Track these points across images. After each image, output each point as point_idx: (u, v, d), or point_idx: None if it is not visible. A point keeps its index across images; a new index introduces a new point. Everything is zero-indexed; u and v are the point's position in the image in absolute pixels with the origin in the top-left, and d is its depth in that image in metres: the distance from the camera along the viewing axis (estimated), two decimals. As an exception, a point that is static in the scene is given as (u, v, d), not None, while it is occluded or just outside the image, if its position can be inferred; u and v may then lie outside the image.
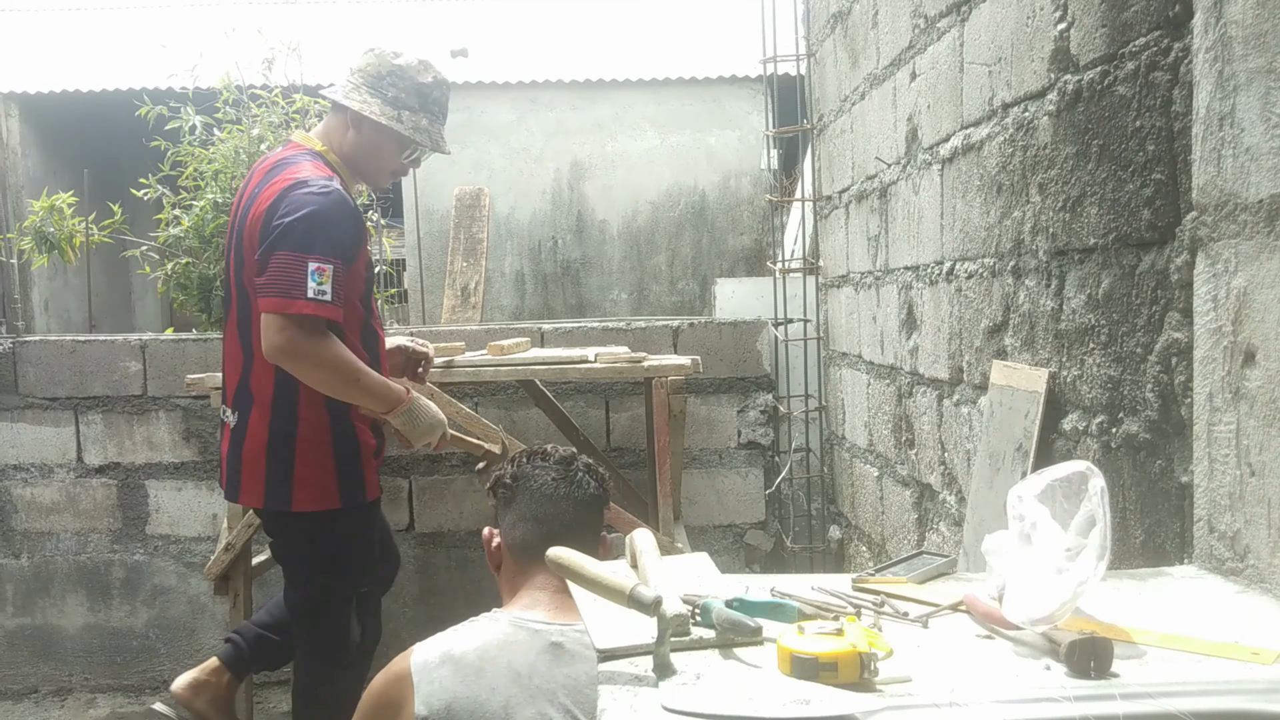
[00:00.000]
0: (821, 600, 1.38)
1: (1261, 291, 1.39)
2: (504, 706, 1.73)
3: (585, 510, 1.98)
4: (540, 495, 1.95)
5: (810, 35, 4.55)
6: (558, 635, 1.81)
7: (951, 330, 2.74)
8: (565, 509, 1.95)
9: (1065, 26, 2.00)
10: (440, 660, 1.77)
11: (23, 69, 8.83)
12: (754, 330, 4.51)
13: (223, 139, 5.15)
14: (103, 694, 4.50)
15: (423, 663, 1.77)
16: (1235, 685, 1.10)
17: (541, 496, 1.95)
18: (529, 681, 1.75)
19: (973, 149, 2.52)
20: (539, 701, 1.74)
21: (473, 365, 3.62)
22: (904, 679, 1.12)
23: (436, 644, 1.81)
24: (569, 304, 8.59)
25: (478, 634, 1.81)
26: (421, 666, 1.76)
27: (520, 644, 1.79)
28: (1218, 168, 1.49)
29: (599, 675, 1.19)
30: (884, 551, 3.58)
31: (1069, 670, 1.13)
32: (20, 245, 5.38)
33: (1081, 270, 1.97)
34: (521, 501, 1.95)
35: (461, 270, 5.48)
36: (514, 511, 1.96)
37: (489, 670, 1.75)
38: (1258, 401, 1.40)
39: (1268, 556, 1.38)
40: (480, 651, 1.77)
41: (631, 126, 8.56)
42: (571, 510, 1.95)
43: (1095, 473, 1.31)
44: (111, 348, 4.46)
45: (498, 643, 1.78)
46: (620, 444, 4.52)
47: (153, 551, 4.50)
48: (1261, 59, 1.38)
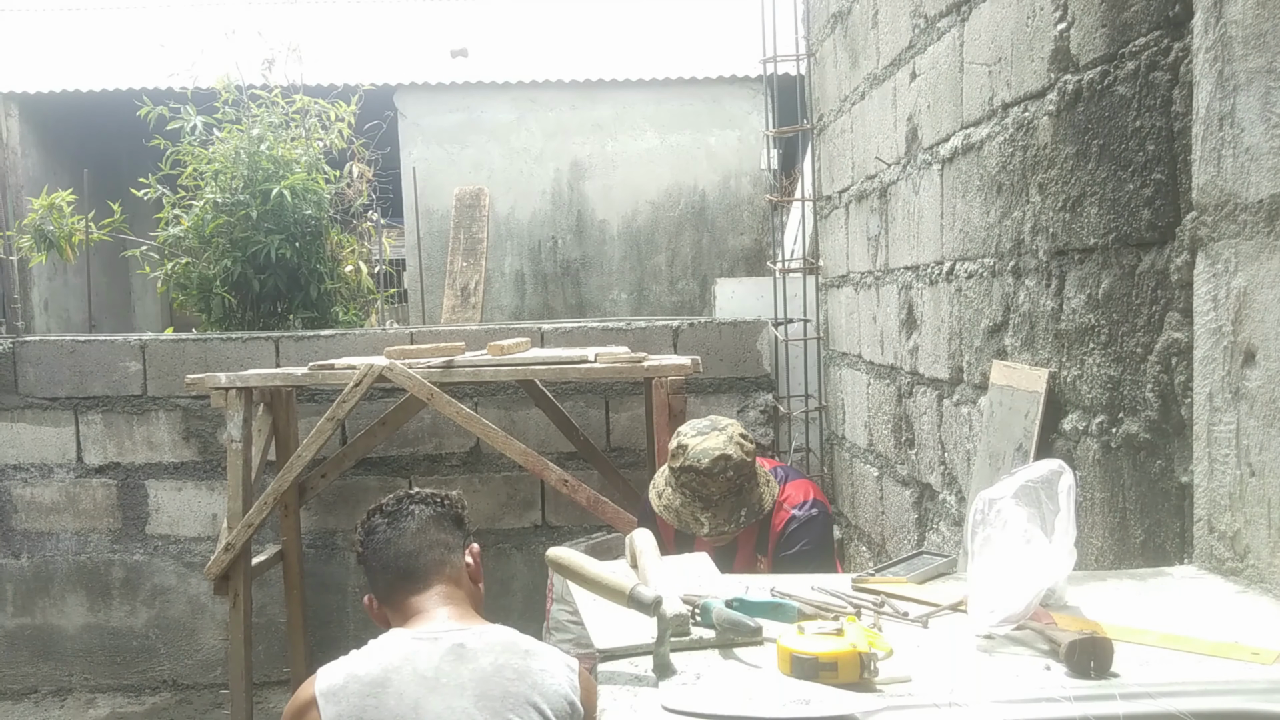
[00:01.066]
0: (821, 600, 1.38)
1: (1261, 291, 1.39)
2: (413, 708, 1.78)
3: (423, 535, 2.06)
4: (381, 545, 2.05)
5: (810, 35, 4.55)
6: (458, 636, 1.87)
7: (951, 330, 2.74)
8: (404, 543, 2.04)
9: (1065, 26, 2.00)
10: (345, 680, 1.82)
11: (23, 69, 8.82)
12: (754, 330, 4.51)
13: (223, 139, 5.15)
14: (102, 694, 4.50)
15: (327, 687, 1.81)
16: (1235, 685, 1.10)
17: (382, 544, 2.05)
18: (435, 681, 1.80)
19: (973, 149, 2.52)
20: (447, 697, 1.79)
21: (473, 365, 3.62)
22: (904, 679, 1.12)
23: (339, 668, 1.86)
24: (569, 304, 8.59)
25: (380, 651, 1.87)
26: (326, 691, 1.81)
27: (422, 652, 1.85)
28: (1218, 168, 1.49)
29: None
30: (884, 551, 3.57)
31: (1069, 670, 1.13)
32: (19, 244, 5.39)
33: (1081, 270, 1.97)
34: (371, 559, 2.06)
35: (461, 270, 5.48)
36: (374, 568, 2.06)
37: (394, 680, 1.81)
38: (1258, 401, 1.40)
39: (1268, 556, 1.38)
40: (383, 665, 1.83)
41: (631, 126, 8.55)
42: (410, 541, 2.05)
43: (1065, 470, 1.32)
44: (111, 348, 4.46)
45: (401, 655, 1.85)
46: (620, 444, 4.52)
47: (152, 551, 4.50)
48: (1261, 59, 1.38)
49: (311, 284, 5.15)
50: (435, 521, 2.09)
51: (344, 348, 4.37)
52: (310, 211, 5.09)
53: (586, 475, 4.21)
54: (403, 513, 2.09)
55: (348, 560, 4.47)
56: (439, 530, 2.08)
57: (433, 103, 8.47)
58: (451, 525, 2.11)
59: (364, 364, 3.58)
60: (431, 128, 8.46)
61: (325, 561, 4.48)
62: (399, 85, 8.35)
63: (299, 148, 5.25)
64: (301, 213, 5.04)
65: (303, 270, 5.09)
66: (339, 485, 4.42)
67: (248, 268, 4.95)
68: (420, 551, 2.03)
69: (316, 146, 5.37)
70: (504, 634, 1.92)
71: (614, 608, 1.34)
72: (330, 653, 4.44)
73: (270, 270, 4.99)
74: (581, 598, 1.45)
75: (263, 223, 4.95)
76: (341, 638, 4.34)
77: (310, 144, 5.33)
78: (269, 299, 5.14)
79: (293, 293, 5.14)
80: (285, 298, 5.16)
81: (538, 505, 4.55)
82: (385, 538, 2.06)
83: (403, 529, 2.06)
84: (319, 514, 4.50)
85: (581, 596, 1.45)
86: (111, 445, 4.45)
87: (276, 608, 4.45)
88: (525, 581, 4.48)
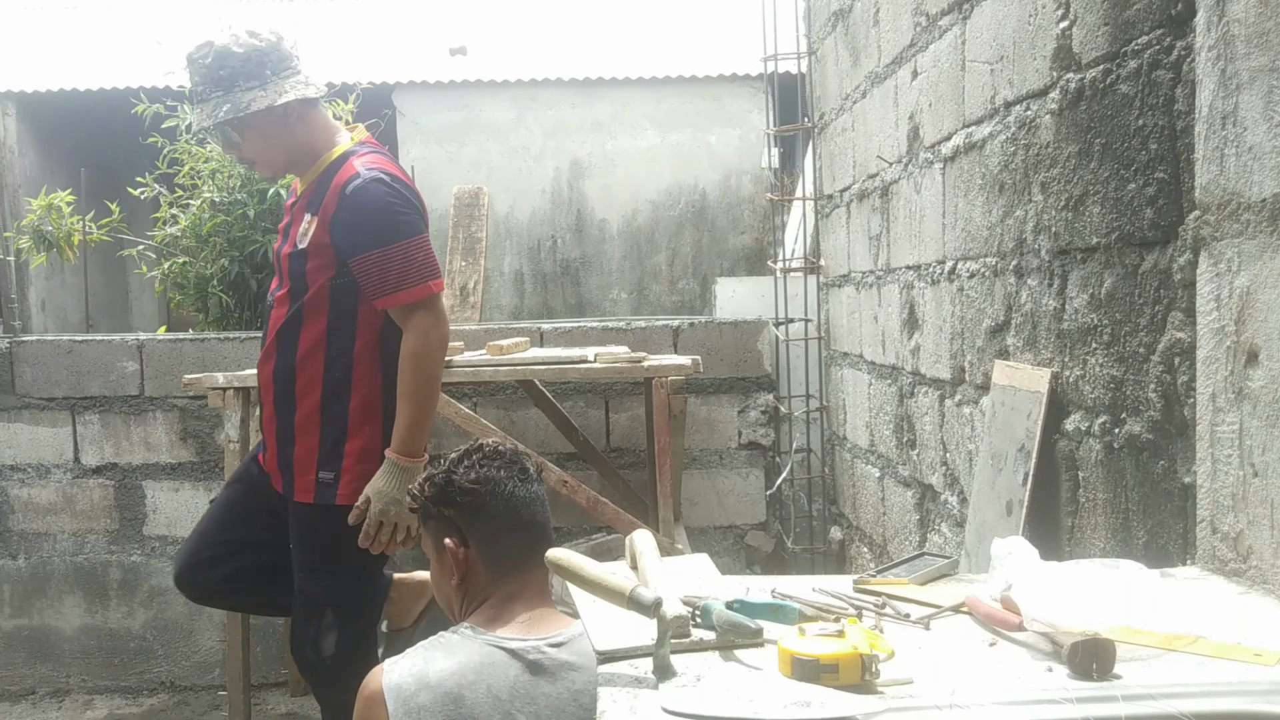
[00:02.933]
0: (822, 602, 1.37)
1: (1265, 291, 1.38)
2: None
3: (548, 513, 1.92)
4: (515, 500, 1.84)
5: (811, 33, 4.55)
6: (535, 654, 1.74)
7: (953, 330, 2.73)
8: (539, 512, 1.87)
9: (1067, 24, 2.00)
10: (417, 686, 1.68)
11: (19, 67, 8.81)
12: (754, 330, 4.50)
13: (221, 138, 5.14)
14: (100, 695, 4.49)
15: (397, 686, 1.68)
16: (1238, 687, 1.10)
17: (517, 501, 1.85)
18: (509, 705, 1.68)
19: (975, 148, 2.51)
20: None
21: (472, 365, 3.61)
22: (905, 681, 1.11)
23: (409, 666, 1.72)
24: (568, 304, 8.59)
25: (452, 654, 1.73)
26: (396, 691, 1.67)
27: (498, 665, 1.71)
28: (1220, 167, 1.48)
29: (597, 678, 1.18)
30: (885, 553, 3.57)
31: (1071, 672, 1.12)
32: (18, 244, 5.37)
33: (1084, 270, 1.96)
34: (495, 507, 1.83)
35: (460, 269, 5.47)
36: (487, 518, 1.83)
37: (468, 698, 1.67)
38: (1261, 402, 1.39)
39: (1271, 558, 1.38)
40: (457, 677, 1.69)
41: (631, 125, 8.55)
42: (544, 512, 1.89)
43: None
44: (108, 347, 4.45)
45: (475, 666, 1.71)
46: (620, 444, 4.51)
47: (150, 552, 4.49)
48: (1264, 57, 1.37)
49: (310, 284, 5.13)
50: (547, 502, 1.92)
51: (343, 347, 4.36)
52: (309, 211, 5.08)
53: (586, 476, 4.20)
54: (529, 474, 1.87)
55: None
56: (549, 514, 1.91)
57: (431, 101, 8.46)
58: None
59: (362, 363, 3.57)
60: (430, 126, 8.45)
61: (324, 561, 4.47)
62: (397, 83, 8.34)
63: (298, 147, 5.23)
64: (300, 212, 5.03)
65: (301, 270, 5.08)
66: (337, 485, 4.42)
67: (245, 267, 4.94)
68: (548, 529, 1.85)
69: (315, 145, 5.35)
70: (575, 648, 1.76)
71: (614, 609, 1.33)
72: (329, 653, 4.41)
73: (268, 270, 4.98)
74: (581, 599, 1.44)
75: (260, 222, 4.94)
76: (340, 638, 4.33)
77: (309, 143, 5.32)
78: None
79: (291, 292, 5.12)
80: (284, 297, 5.15)
81: (537, 505, 4.54)
82: (518, 492, 1.83)
83: (534, 493, 1.86)
84: (317, 514, 4.50)
85: (581, 598, 1.44)
86: (109, 445, 4.44)
87: (275, 608, 4.44)
88: (524, 581, 4.47)
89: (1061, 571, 1.28)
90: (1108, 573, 1.26)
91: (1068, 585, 1.23)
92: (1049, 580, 1.25)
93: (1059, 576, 1.26)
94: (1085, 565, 1.30)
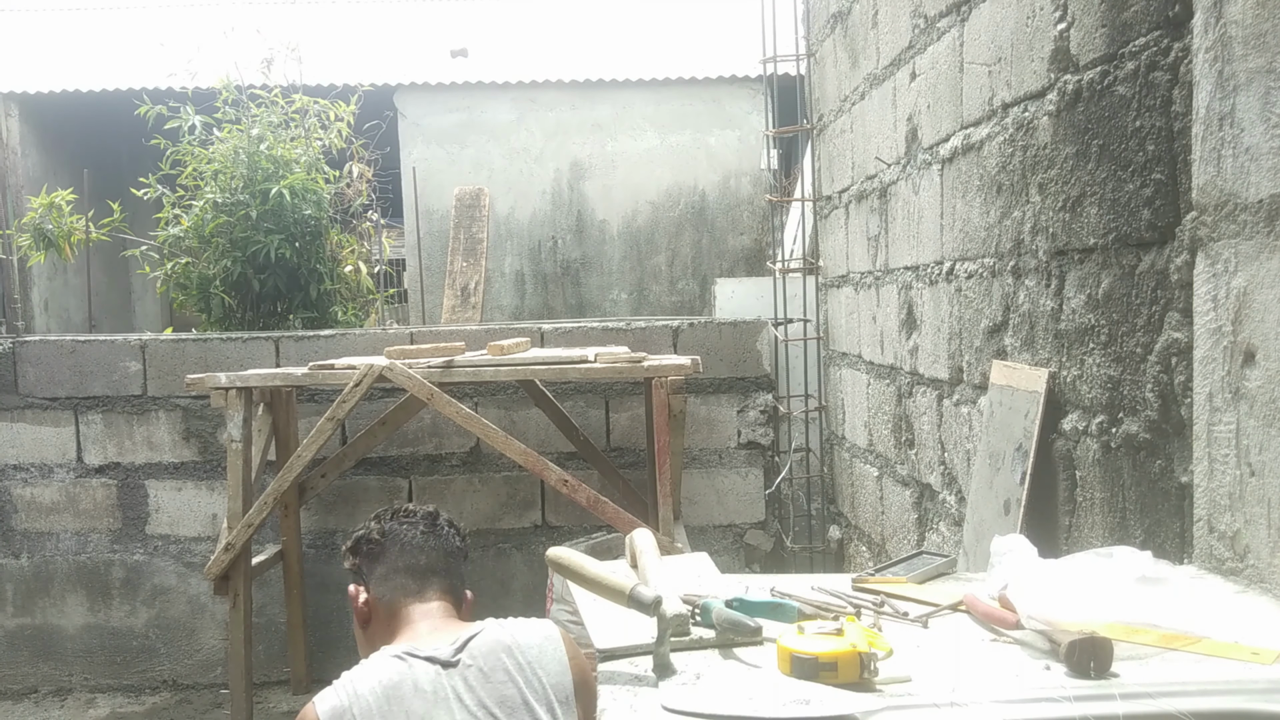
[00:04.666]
0: (821, 600, 1.38)
1: (1261, 291, 1.39)
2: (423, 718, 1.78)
3: (451, 560, 2.08)
4: (410, 547, 2.05)
5: (810, 35, 4.55)
6: (444, 655, 1.86)
7: (951, 330, 2.74)
8: (434, 558, 2.05)
9: (1065, 26, 2.00)
10: (349, 701, 1.80)
11: (23, 69, 8.83)
12: (754, 330, 4.51)
13: (222, 138, 5.15)
14: (102, 694, 4.50)
15: (332, 709, 1.78)
16: (1235, 685, 1.10)
17: (411, 548, 2.05)
18: (434, 695, 1.80)
19: (973, 149, 2.52)
20: (451, 708, 1.79)
21: (473, 365, 3.62)
22: (904, 679, 1.12)
23: (341, 690, 1.83)
24: (569, 304, 8.60)
25: (374, 671, 1.85)
26: (332, 714, 1.78)
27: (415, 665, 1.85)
28: (1217, 168, 1.49)
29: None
30: (884, 551, 3.57)
31: (1069, 670, 1.13)
32: (19, 243, 5.38)
33: (1081, 270, 1.97)
34: (391, 555, 2.04)
35: (461, 270, 5.48)
36: (384, 565, 2.04)
37: (395, 696, 1.80)
38: (1257, 401, 1.40)
39: (1267, 556, 1.38)
40: (384, 684, 1.81)
41: (631, 126, 8.56)
42: (440, 559, 2.06)
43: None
44: (111, 348, 4.45)
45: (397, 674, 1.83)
46: (620, 444, 4.52)
47: (152, 551, 4.49)
48: (1261, 59, 1.38)
49: (311, 284, 5.15)
50: (460, 555, 2.12)
51: (344, 348, 4.37)
52: (310, 211, 5.09)
53: (586, 475, 4.21)
54: (440, 530, 2.10)
55: (348, 560, 4.46)
56: (459, 563, 2.11)
57: (432, 103, 8.47)
58: (463, 566, 2.14)
59: (364, 364, 3.58)
60: (431, 128, 8.46)
61: (325, 561, 4.47)
62: (399, 85, 8.36)
63: (298, 147, 5.25)
64: (301, 213, 5.04)
65: (302, 270, 5.09)
66: (339, 485, 4.43)
67: (247, 268, 4.95)
68: (444, 570, 2.05)
69: (316, 146, 5.37)
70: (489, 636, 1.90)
71: (614, 608, 1.34)
72: (330, 652, 4.44)
73: (270, 270, 4.99)
74: (581, 598, 1.45)
75: (262, 222, 4.95)
76: (342, 638, 4.34)
77: (310, 144, 5.33)
78: (269, 299, 5.14)
79: (292, 293, 5.14)
80: (285, 298, 5.16)
81: (538, 505, 4.55)
82: (420, 543, 2.06)
83: (438, 546, 2.07)
84: (319, 514, 4.50)
85: (581, 596, 1.45)
86: (111, 445, 4.45)
87: (276, 608, 4.45)
88: (525, 581, 4.48)
89: (1057, 568, 1.29)
90: (1103, 565, 1.27)
91: (1064, 583, 1.24)
92: (1045, 578, 1.26)
93: (1055, 574, 1.27)
94: (1080, 558, 1.31)
